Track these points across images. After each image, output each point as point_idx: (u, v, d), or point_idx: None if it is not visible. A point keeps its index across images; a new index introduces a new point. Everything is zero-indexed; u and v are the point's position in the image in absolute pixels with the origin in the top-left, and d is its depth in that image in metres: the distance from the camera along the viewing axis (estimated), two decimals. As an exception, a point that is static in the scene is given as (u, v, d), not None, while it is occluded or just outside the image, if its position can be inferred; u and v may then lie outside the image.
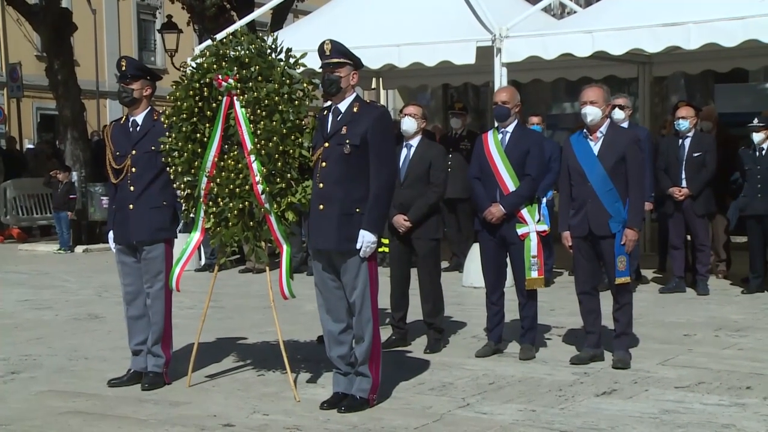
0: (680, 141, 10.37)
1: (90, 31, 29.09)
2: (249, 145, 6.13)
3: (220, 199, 6.26)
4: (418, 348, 7.73)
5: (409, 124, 7.80)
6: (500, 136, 7.32)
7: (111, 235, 6.75)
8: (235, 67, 6.20)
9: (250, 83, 6.17)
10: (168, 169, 6.46)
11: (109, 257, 9.14)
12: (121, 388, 6.60)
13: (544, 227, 7.32)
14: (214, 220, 6.35)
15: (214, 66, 6.27)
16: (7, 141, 23.91)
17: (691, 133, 10.35)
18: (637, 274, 10.25)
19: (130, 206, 6.61)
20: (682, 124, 10.32)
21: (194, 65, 6.41)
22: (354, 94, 6.06)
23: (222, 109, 6.25)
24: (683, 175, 10.28)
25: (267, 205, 6.16)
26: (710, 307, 9.50)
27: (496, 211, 7.19)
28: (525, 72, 13.75)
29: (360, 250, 5.83)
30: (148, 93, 6.72)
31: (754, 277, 10.30)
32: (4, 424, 5.81)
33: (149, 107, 6.76)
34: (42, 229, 19.37)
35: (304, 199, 6.10)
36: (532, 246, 7.18)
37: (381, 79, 16.02)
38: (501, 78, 10.98)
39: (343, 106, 5.99)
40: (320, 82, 6.07)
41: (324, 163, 5.94)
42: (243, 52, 6.24)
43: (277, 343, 6.58)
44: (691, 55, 12.42)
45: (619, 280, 6.91)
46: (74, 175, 17.41)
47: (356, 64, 6.05)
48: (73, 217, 16.66)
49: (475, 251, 8.96)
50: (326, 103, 6.16)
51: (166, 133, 6.44)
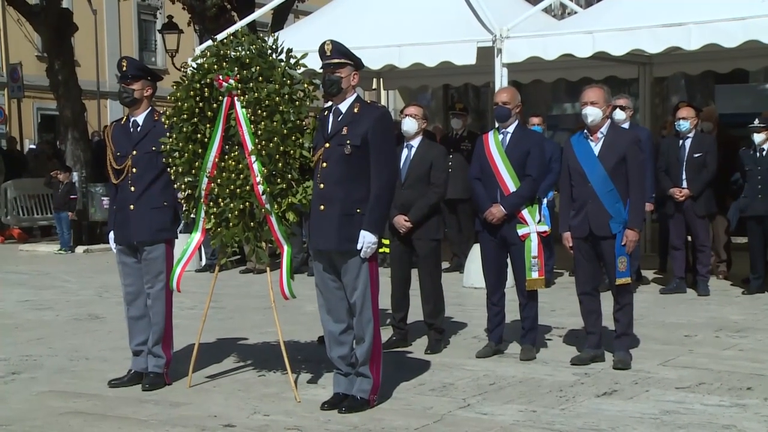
0: (681, 142, 10.37)
1: (91, 31, 29.09)
2: (250, 146, 6.13)
3: (220, 200, 6.26)
4: (418, 348, 7.73)
5: (409, 125, 7.79)
6: (501, 137, 7.32)
7: (112, 235, 6.75)
8: (236, 68, 6.21)
9: (251, 84, 6.17)
10: (169, 169, 6.46)
11: (109, 257, 9.14)
12: (122, 389, 6.60)
13: (545, 228, 7.32)
14: (214, 221, 6.35)
15: (215, 66, 6.27)
16: (8, 141, 23.90)
17: (691, 134, 10.34)
18: (637, 275, 10.24)
19: (131, 207, 6.60)
20: (683, 125, 10.32)
21: (195, 66, 6.42)
22: (355, 95, 6.06)
23: (223, 110, 6.25)
24: (684, 176, 10.28)
25: (268, 206, 6.16)
26: (711, 308, 9.50)
27: (497, 211, 7.19)
28: (525, 72, 13.75)
29: (361, 250, 5.83)
30: (148, 93, 6.72)
31: (755, 278, 10.29)
32: (5, 425, 5.80)
33: (150, 108, 6.76)
34: (43, 230, 19.35)
35: (305, 199, 6.11)
36: (533, 246, 7.18)
37: (382, 80, 16.02)
38: (501, 78, 10.98)
39: (343, 107, 5.99)
40: (321, 82, 6.07)
41: (325, 164, 5.94)
42: (244, 53, 6.24)
43: (277, 343, 6.58)
44: (691, 56, 12.41)
45: (619, 281, 6.91)
46: (75, 176, 17.41)
47: (357, 64, 6.04)
48: (73, 218, 16.65)
49: (476, 252, 8.95)
50: (327, 104, 6.16)
51: (167, 134, 6.45)
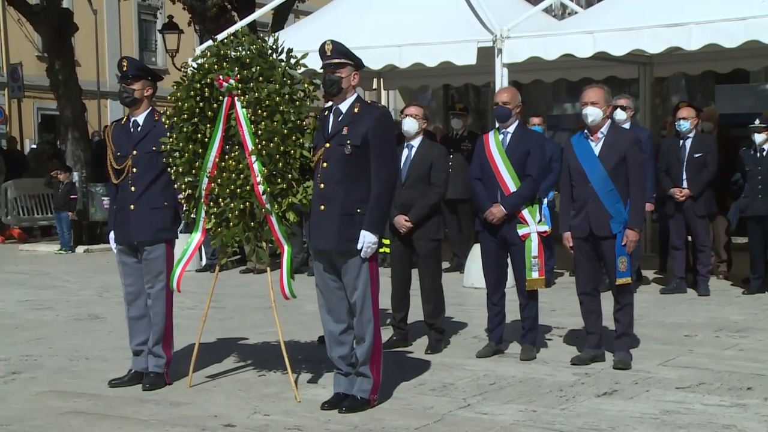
0: (681, 142, 10.37)
1: (91, 31, 29.07)
2: (250, 146, 6.13)
3: (221, 200, 6.26)
4: (419, 348, 7.73)
5: (410, 125, 7.80)
6: (501, 137, 7.32)
7: (112, 235, 6.75)
8: (236, 68, 6.21)
9: (251, 84, 6.17)
10: (169, 169, 6.46)
11: (110, 257, 9.14)
12: (122, 389, 6.60)
13: (545, 228, 7.32)
14: (215, 221, 6.35)
15: (215, 66, 6.27)
16: (8, 141, 23.91)
17: (692, 134, 10.34)
18: (637, 275, 10.23)
19: (131, 207, 6.60)
20: (683, 125, 10.32)
21: (195, 66, 6.42)
22: (355, 95, 6.06)
23: (223, 110, 6.25)
24: (684, 176, 10.28)
25: (268, 206, 6.16)
26: (711, 308, 9.50)
27: (497, 211, 7.19)
28: (526, 72, 13.76)
29: (361, 250, 5.83)
30: (149, 93, 6.72)
31: (755, 278, 10.29)
32: (5, 425, 5.81)
33: (150, 108, 6.76)
34: (43, 230, 19.36)
35: (305, 199, 6.11)
36: (533, 246, 7.18)
37: (382, 80, 16.01)
38: (502, 78, 10.98)
39: (344, 107, 5.99)
40: (321, 82, 6.07)
41: (325, 164, 5.94)
42: (244, 53, 6.24)
43: (278, 343, 6.58)
44: (692, 56, 12.42)
45: (620, 281, 6.91)
46: (75, 176, 17.43)
47: (357, 64, 6.04)
48: (73, 218, 16.66)
49: (476, 252, 8.95)
50: (327, 104, 6.16)
51: (167, 134, 6.44)
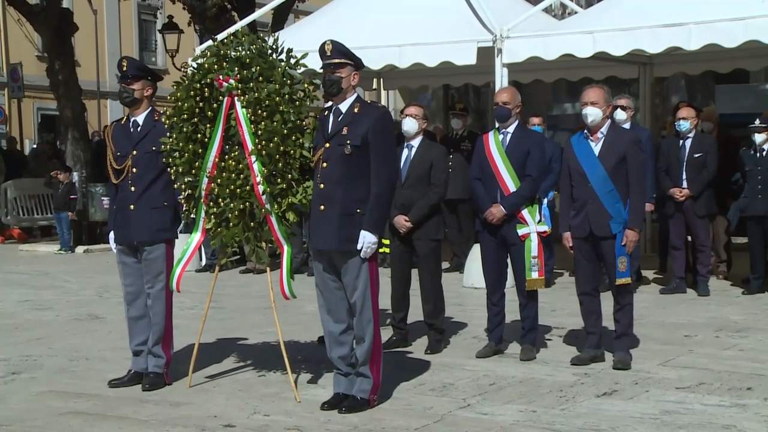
0: (681, 142, 10.37)
1: (91, 31, 29.09)
2: (250, 146, 6.12)
3: (221, 200, 6.26)
4: (418, 348, 7.73)
5: (410, 125, 7.79)
6: (501, 137, 7.32)
7: (112, 235, 6.75)
8: (236, 68, 6.21)
9: (251, 84, 6.17)
10: (169, 169, 6.46)
11: (109, 258, 9.14)
12: (122, 389, 6.60)
13: (545, 228, 7.32)
14: (214, 221, 6.35)
15: (215, 66, 6.27)
16: (8, 141, 23.91)
17: (691, 134, 10.34)
18: (637, 275, 10.23)
19: (131, 207, 6.60)
20: (683, 125, 10.32)
21: (195, 66, 6.42)
22: (355, 95, 6.05)
23: (223, 110, 6.25)
24: (684, 176, 10.27)
25: (268, 206, 6.16)
26: (711, 308, 9.50)
27: (497, 211, 7.19)
28: (526, 72, 13.75)
29: (361, 250, 5.83)
30: (149, 93, 6.72)
31: (755, 278, 10.29)
32: (5, 425, 5.80)
33: (150, 107, 6.76)
34: (43, 230, 19.35)
35: (305, 199, 6.11)
36: (533, 247, 7.18)
37: (382, 80, 16.01)
38: (502, 78, 10.98)
39: (344, 107, 5.99)
40: (321, 82, 6.07)
41: (325, 164, 5.94)
42: (244, 53, 6.24)
43: (277, 343, 6.58)
44: (691, 56, 12.41)
45: (619, 281, 6.91)
46: (75, 176, 17.42)
47: (357, 64, 6.04)
48: (73, 218, 16.65)
49: (476, 252, 8.94)
50: (327, 104, 6.16)
51: (167, 134, 6.44)
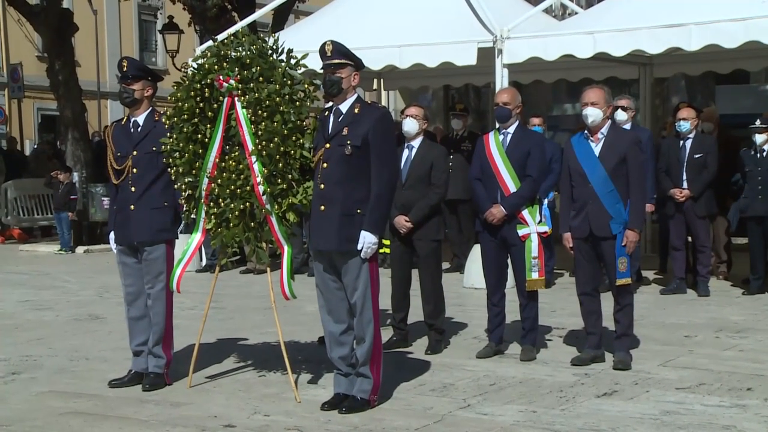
0: (681, 142, 10.37)
1: (91, 31, 29.08)
2: (250, 146, 6.13)
3: (221, 200, 6.26)
4: (419, 349, 7.73)
5: (410, 125, 7.80)
6: (501, 137, 7.32)
7: (112, 235, 6.75)
8: (237, 68, 6.21)
9: (251, 84, 6.17)
10: (169, 169, 6.46)
11: (110, 258, 9.14)
12: (122, 389, 6.60)
13: (545, 228, 7.32)
14: (215, 221, 6.35)
15: (216, 67, 6.27)
16: (8, 141, 23.92)
17: (692, 135, 10.34)
18: (638, 276, 10.24)
19: (131, 207, 6.60)
20: (683, 126, 10.31)
21: (195, 66, 6.42)
22: (355, 95, 6.05)
23: (223, 110, 6.25)
24: (684, 177, 10.27)
25: (268, 206, 6.16)
26: (711, 309, 9.49)
27: (497, 212, 7.19)
28: (526, 73, 13.75)
29: (361, 251, 5.83)
30: (149, 93, 6.72)
31: (755, 279, 10.29)
32: (5, 425, 5.80)
33: (150, 108, 6.76)
34: (43, 230, 19.35)
35: (305, 200, 6.11)
36: (533, 247, 7.18)
37: (382, 80, 16.01)
38: (502, 79, 10.98)
39: (344, 107, 5.99)
40: (321, 82, 6.07)
41: (325, 164, 5.94)
42: (244, 53, 6.24)
43: (278, 343, 6.58)
44: (692, 57, 12.41)
45: (619, 282, 6.91)
46: (75, 176, 17.43)
47: (357, 65, 6.04)
48: (74, 218, 16.65)
49: (476, 252, 8.95)
50: (327, 104, 6.16)
51: (167, 134, 6.44)
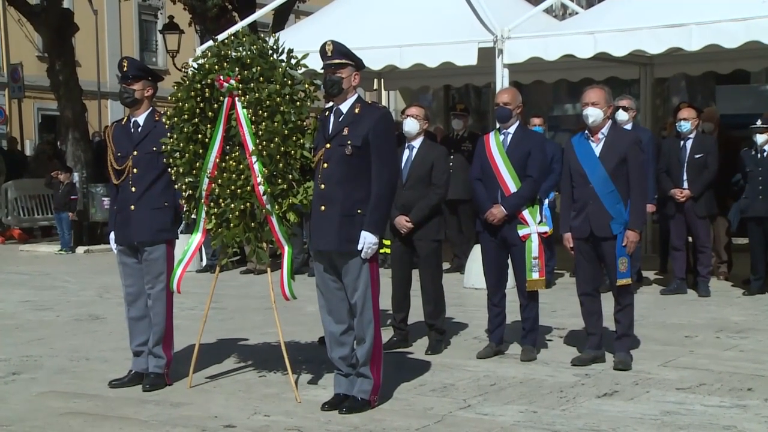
0: (682, 142, 10.36)
1: (91, 31, 29.08)
2: (250, 146, 6.13)
3: (221, 200, 6.26)
4: (419, 349, 7.73)
5: (411, 126, 7.80)
6: (502, 138, 7.32)
7: (112, 235, 6.75)
8: (237, 68, 6.21)
9: (252, 84, 6.17)
10: (169, 170, 6.46)
11: (110, 258, 9.13)
12: (122, 389, 6.60)
13: (546, 228, 7.31)
14: (215, 221, 6.35)
15: (216, 67, 6.27)
16: (9, 141, 23.92)
17: (692, 135, 10.33)
18: (638, 276, 10.23)
19: (132, 207, 6.60)
20: (684, 126, 10.31)
21: (196, 66, 6.42)
22: (355, 95, 6.05)
23: (223, 110, 6.25)
24: (685, 177, 10.27)
25: (268, 206, 6.16)
26: (711, 309, 9.49)
27: (498, 212, 7.19)
28: (526, 73, 13.75)
29: (361, 251, 5.83)
30: (149, 94, 6.72)
31: (755, 279, 10.29)
32: (5, 425, 5.80)
33: (151, 108, 6.75)
34: (43, 230, 19.34)
35: (306, 200, 6.11)
36: (533, 247, 7.17)
37: (382, 80, 16.01)
38: (502, 79, 10.98)
39: (344, 107, 5.99)
40: (322, 83, 6.07)
41: (325, 164, 5.94)
42: (244, 53, 6.24)
43: (278, 344, 6.58)
44: (692, 57, 12.40)
45: (620, 282, 6.91)
46: (75, 176, 17.43)
47: (358, 65, 6.04)
48: (74, 218, 16.65)
49: (477, 252, 8.95)
50: (328, 104, 6.16)
51: (168, 134, 6.44)
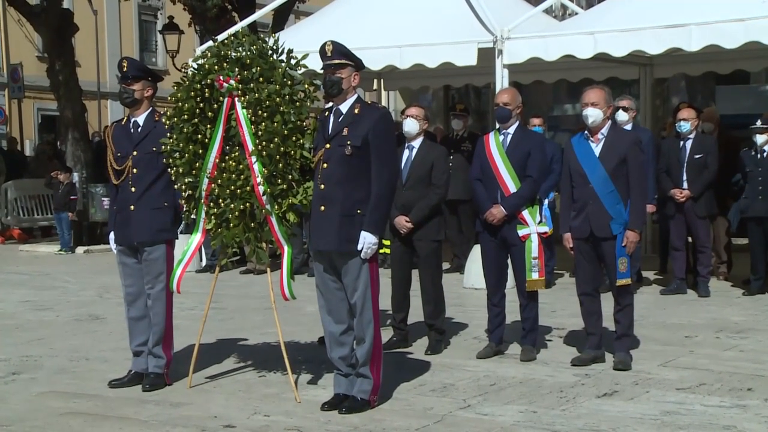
0: (681, 143, 10.36)
1: (91, 31, 29.09)
2: (250, 146, 6.13)
3: (221, 200, 6.26)
4: (419, 349, 7.73)
5: (411, 126, 7.80)
6: (501, 138, 7.32)
7: (112, 236, 6.75)
8: (237, 68, 6.21)
9: (252, 84, 6.17)
10: (169, 170, 6.46)
11: (110, 258, 9.13)
12: (122, 389, 6.60)
13: (545, 228, 7.31)
14: (215, 221, 6.35)
15: (216, 67, 6.27)
16: (9, 142, 23.92)
17: (692, 135, 10.33)
18: (638, 276, 10.23)
19: (132, 207, 6.60)
20: (684, 126, 10.31)
21: (195, 66, 6.42)
22: (355, 95, 6.05)
23: (223, 110, 6.25)
24: (684, 177, 10.27)
25: (268, 206, 6.16)
26: (711, 309, 9.49)
27: (497, 212, 7.19)
28: (526, 73, 13.75)
29: (361, 251, 5.83)
30: (149, 94, 6.72)
31: (755, 279, 10.29)
32: (5, 425, 5.80)
33: (150, 108, 6.76)
34: (43, 230, 19.35)
35: (306, 200, 6.11)
36: (533, 247, 7.18)
37: (382, 81, 16.01)
38: (502, 79, 10.98)
39: (344, 108, 5.99)
40: (321, 83, 6.07)
41: (325, 165, 5.94)
42: (244, 53, 6.24)
43: (278, 344, 6.58)
44: (692, 57, 12.40)
45: (620, 282, 6.91)
46: (75, 176, 17.42)
47: (357, 65, 6.04)
48: (74, 218, 16.65)
49: (476, 252, 8.95)
50: (327, 105, 6.16)
51: (168, 134, 6.44)
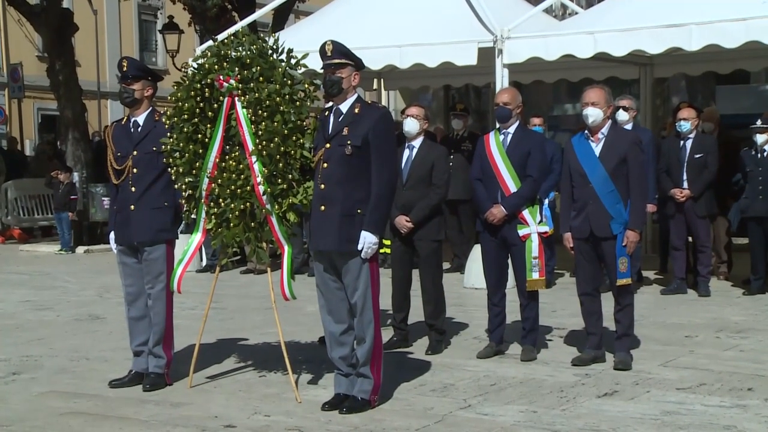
0: (681, 142, 10.36)
1: (91, 31, 29.09)
2: (250, 146, 6.13)
3: (221, 200, 6.26)
4: (419, 349, 7.73)
5: (411, 125, 7.80)
6: (501, 137, 7.32)
7: (112, 235, 6.75)
8: (237, 68, 6.21)
9: (252, 84, 6.17)
10: (169, 169, 6.46)
11: (110, 258, 9.14)
12: (123, 389, 6.60)
13: (546, 228, 7.31)
14: (215, 221, 6.35)
15: (216, 67, 6.27)
16: (9, 141, 23.92)
17: (692, 135, 10.33)
18: (638, 276, 10.23)
19: (132, 207, 6.60)
20: (684, 126, 10.31)
21: (195, 66, 6.42)
22: (355, 95, 6.05)
23: (223, 110, 6.25)
24: (684, 177, 10.27)
25: (268, 206, 6.16)
26: (711, 309, 9.49)
27: (498, 212, 7.19)
28: (526, 73, 13.75)
29: (361, 251, 5.83)
30: (149, 93, 6.72)
31: (755, 279, 10.28)
32: (5, 425, 5.80)
33: (150, 108, 6.76)
34: (43, 230, 19.34)
35: (306, 200, 6.11)
36: (533, 247, 7.17)
37: (382, 80, 16.01)
38: (502, 79, 10.98)
39: (344, 107, 5.99)
40: (321, 82, 6.07)
41: (325, 164, 5.94)
42: (244, 53, 6.24)
43: (278, 344, 6.58)
44: (692, 57, 12.40)
45: (620, 282, 6.91)
46: (75, 176, 17.42)
47: (358, 64, 6.04)
48: (74, 218, 16.65)
49: (477, 252, 8.95)
50: (327, 104, 6.16)
51: (168, 134, 6.44)
